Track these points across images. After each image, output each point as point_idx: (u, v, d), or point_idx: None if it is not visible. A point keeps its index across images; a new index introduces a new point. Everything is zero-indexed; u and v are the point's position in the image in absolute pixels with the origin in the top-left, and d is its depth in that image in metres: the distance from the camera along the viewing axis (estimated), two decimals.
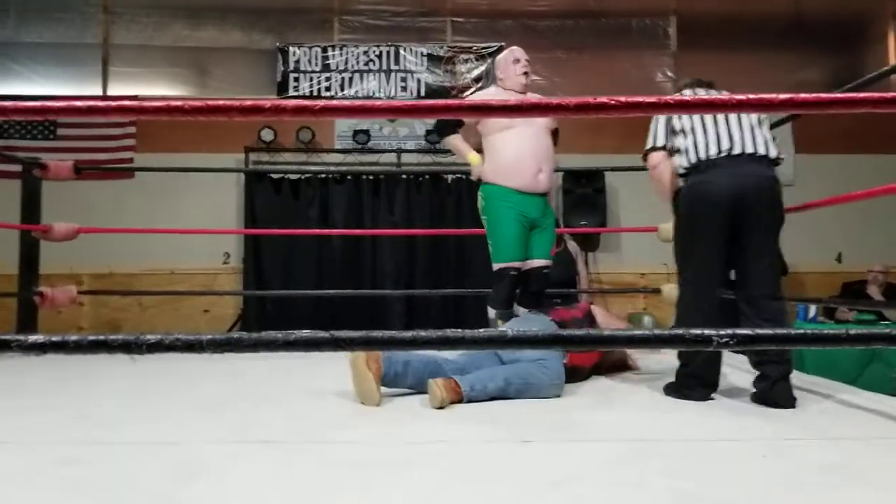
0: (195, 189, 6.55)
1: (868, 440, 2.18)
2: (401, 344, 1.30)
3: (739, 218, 2.69)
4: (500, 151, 3.44)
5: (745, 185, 2.68)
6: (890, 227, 6.82)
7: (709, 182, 2.72)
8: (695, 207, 2.77)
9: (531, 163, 3.41)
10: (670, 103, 1.29)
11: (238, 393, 2.93)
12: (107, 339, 1.28)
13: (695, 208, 2.77)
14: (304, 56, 7.05)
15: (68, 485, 1.68)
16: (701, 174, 2.74)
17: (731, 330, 1.25)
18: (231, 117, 1.31)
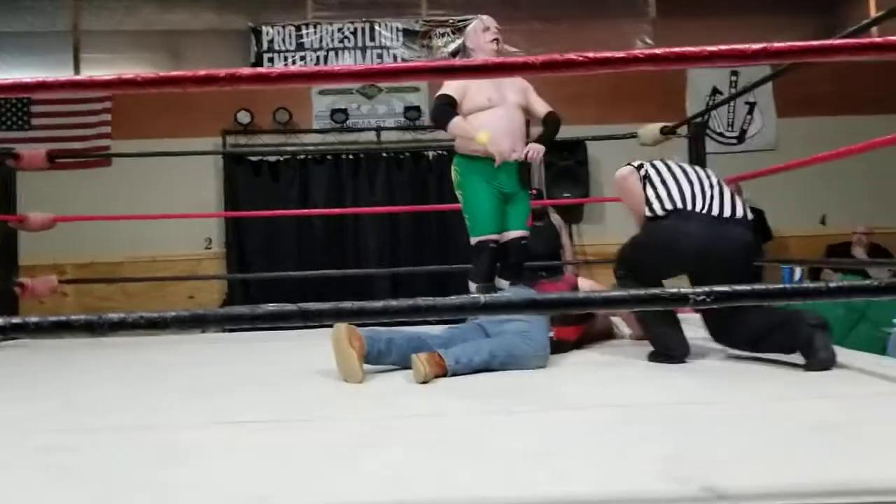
0: (174, 175, 6.47)
1: (856, 397, 2.17)
2: (371, 314, 1.27)
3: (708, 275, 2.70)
4: (478, 127, 3.42)
5: (720, 247, 2.75)
6: (872, 188, 6.83)
7: (687, 231, 2.79)
8: (668, 244, 2.84)
9: (505, 142, 3.41)
10: (640, 57, 1.25)
11: (223, 377, 2.89)
12: (68, 319, 1.24)
13: (668, 245, 2.84)
14: (277, 35, 6.95)
15: (52, 472, 1.65)
16: (681, 220, 2.82)
17: (706, 287, 1.22)
18: (185, 88, 1.26)
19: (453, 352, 2.67)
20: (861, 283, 1.23)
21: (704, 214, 2.80)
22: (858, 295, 1.24)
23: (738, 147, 7.18)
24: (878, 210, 6.71)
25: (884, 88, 6.90)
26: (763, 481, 1.40)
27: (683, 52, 1.24)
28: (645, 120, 5.11)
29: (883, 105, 6.72)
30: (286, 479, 1.55)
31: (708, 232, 2.77)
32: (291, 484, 1.52)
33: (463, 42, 3.73)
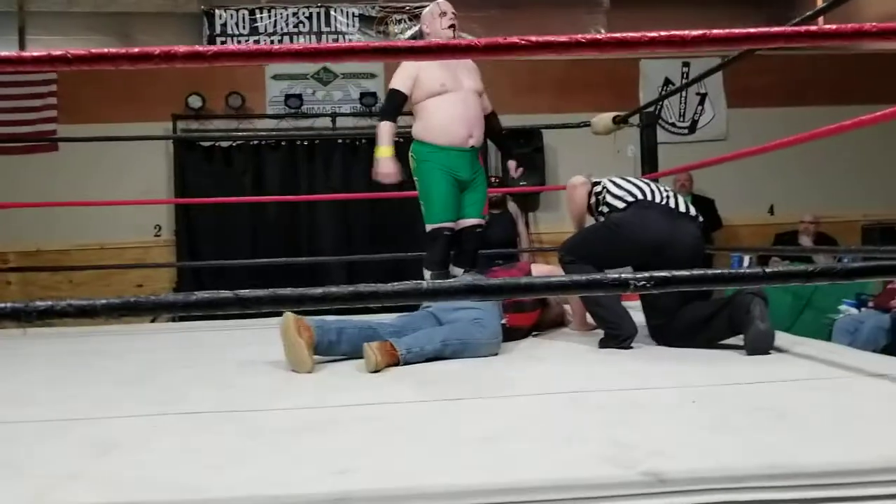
0: (123, 160, 6.34)
1: (797, 381, 2.20)
2: (311, 301, 1.25)
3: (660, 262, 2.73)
4: (432, 115, 3.42)
5: (675, 237, 2.85)
6: (819, 178, 6.98)
7: (647, 219, 2.89)
8: (628, 232, 2.92)
9: (461, 127, 3.41)
10: (581, 42, 1.24)
11: (165, 366, 2.84)
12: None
13: (628, 233, 2.92)
14: (230, 19, 6.83)
15: None
16: (642, 209, 2.94)
17: (647, 273, 1.22)
18: (118, 65, 1.22)
19: (405, 340, 2.65)
20: (796, 268, 1.24)
21: (663, 206, 2.93)
22: (795, 280, 1.26)
23: (690, 137, 7.26)
24: (825, 199, 6.85)
25: (830, 80, 7.05)
26: (705, 465, 1.42)
27: (625, 38, 1.24)
28: (599, 109, 5.13)
29: (830, 96, 6.86)
30: (223, 468, 1.53)
31: (666, 222, 2.88)
32: (228, 473, 1.50)
33: (420, 26, 3.71)
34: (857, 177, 7.03)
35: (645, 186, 3.03)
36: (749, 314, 2.56)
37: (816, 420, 1.76)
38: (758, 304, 2.56)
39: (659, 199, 2.96)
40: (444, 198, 3.40)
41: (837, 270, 1.22)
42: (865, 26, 1.28)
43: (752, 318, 2.55)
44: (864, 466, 1.36)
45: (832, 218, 6.67)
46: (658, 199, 2.96)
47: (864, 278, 2.66)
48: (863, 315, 4.33)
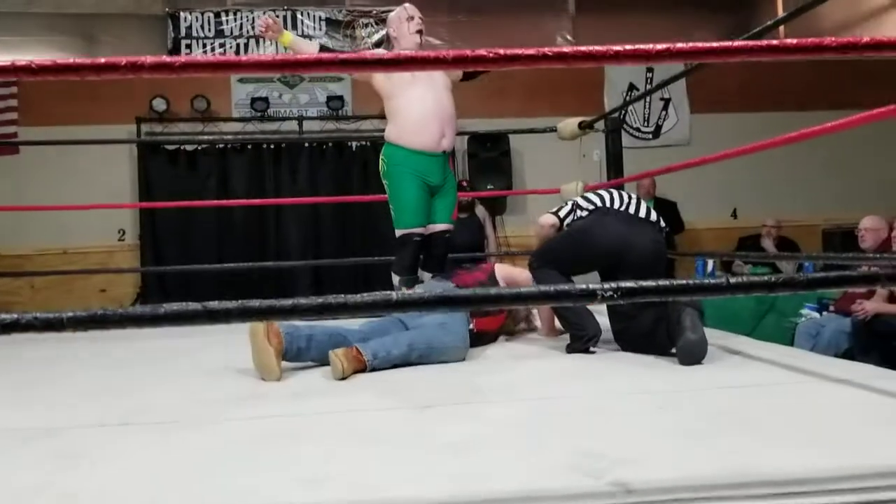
0: (85, 164, 6.24)
1: (760, 387, 2.24)
2: (280, 313, 1.24)
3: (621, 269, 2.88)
4: (404, 112, 3.36)
5: (634, 242, 2.92)
6: (781, 182, 7.11)
7: (605, 225, 2.99)
8: (587, 237, 3.03)
9: (435, 124, 3.36)
10: (548, 55, 1.26)
11: (131, 372, 2.81)
12: None
13: (586, 238, 3.03)
14: (196, 22, 6.76)
15: None
16: (601, 215, 3.05)
17: (613, 284, 1.24)
18: (83, 76, 1.21)
19: (371, 346, 2.65)
20: (760, 279, 1.27)
21: (622, 212, 3.01)
22: (758, 291, 1.28)
23: (654, 142, 7.35)
24: (787, 203, 6.98)
25: (792, 86, 7.18)
26: (671, 474, 1.44)
27: (591, 51, 1.26)
28: (565, 113, 5.17)
29: (792, 101, 6.99)
30: (190, 480, 1.52)
31: (624, 227, 2.95)
32: (195, 485, 1.49)
33: (386, 30, 3.68)
34: (818, 181, 7.17)
35: (607, 195, 3.11)
36: (680, 325, 2.60)
37: (780, 427, 1.79)
38: (689, 314, 2.61)
39: (619, 205, 3.04)
40: (414, 203, 3.37)
41: (799, 281, 1.25)
42: (826, 41, 1.31)
43: (682, 329, 2.58)
44: (829, 474, 1.39)
45: (794, 222, 6.80)
46: (617, 206, 3.04)
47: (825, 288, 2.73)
48: (824, 319, 4.41)
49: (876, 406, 1.97)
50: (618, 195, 3.10)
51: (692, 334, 2.56)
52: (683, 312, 2.60)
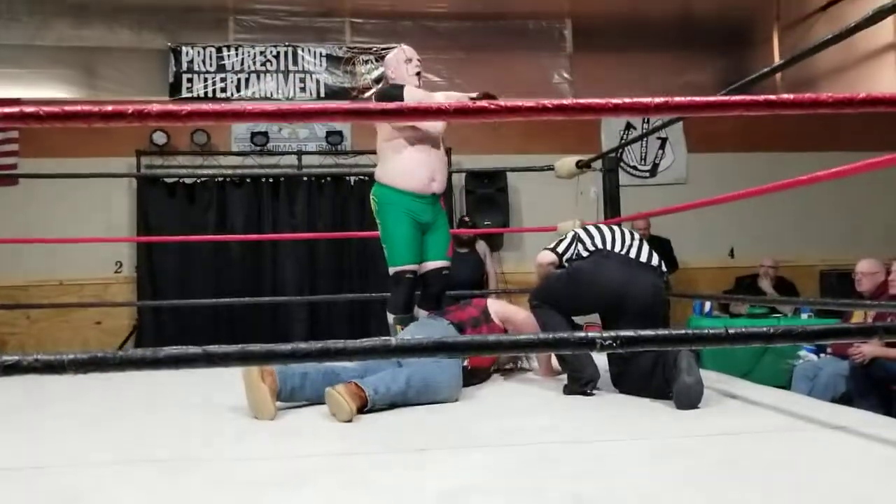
0: (84, 195, 6.25)
1: (758, 433, 2.23)
2: (279, 357, 1.24)
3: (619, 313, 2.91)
4: (398, 158, 3.40)
5: (631, 287, 2.92)
6: (779, 222, 7.13)
7: (605, 268, 2.97)
8: (586, 279, 3.01)
9: (425, 170, 3.41)
10: (548, 107, 1.28)
11: (124, 410, 2.79)
12: None
13: (586, 280, 3.01)
14: (197, 56, 6.83)
15: None
16: (601, 258, 3.01)
17: (612, 332, 1.25)
18: (90, 123, 1.22)
19: (371, 382, 2.62)
20: (758, 330, 1.27)
21: (623, 255, 2.99)
22: (756, 342, 1.29)
23: (651, 180, 7.40)
24: (785, 243, 7.00)
25: (789, 126, 7.23)
26: None
27: (590, 104, 1.28)
28: (563, 151, 5.21)
29: (788, 142, 7.05)
30: None
31: (623, 271, 2.94)
32: None
33: (384, 71, 3.71)
34: (816, 222, 7.20)
35: (608, 234, 3.10)
36: (676, 367, 2.59)
37: (779, 475, 1.78)
38: (685, 356, 2.60)
39: (619, 247, 3.03)
40: (405, 240, 3.39)
41: (797, 333, 1.26)
42: (822, 97, 1.33)
43: (679, 372, 2.58)
44: None
45: (791, 262, 6.82)
46: (618, 248, 3.03)
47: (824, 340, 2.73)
48: (822, 361, 4.40)
49: (874, 456, 1.96)
50: (619, 235, 3.10)
51: (688, 377, 2.55)
52: (679, 355, 2.60)
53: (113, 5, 6.98)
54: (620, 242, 3.06)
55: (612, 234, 3.11)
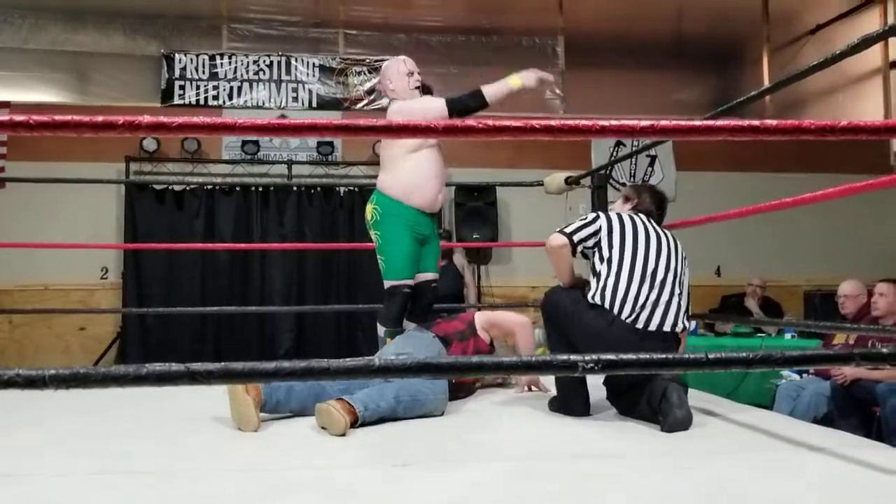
0: (72, 200, 6.23)
1: (741, 454, 2.24)
2: (263, 376, 1.25)
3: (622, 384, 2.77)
4: (410, 169, 3.34)
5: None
6: (765, 242, 7.18)
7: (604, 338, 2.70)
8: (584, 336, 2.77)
9: (435, 183, 3.38)
10: (536, 128, 1.29)
11: (108, 417, 2.77)
12: None
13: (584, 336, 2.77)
14: (190, 63, 6.84)
15: None
16: (602, 320, 2.74)
17: (595, 356, 1.26)
18: (80, 133, 1.23)
19: (360, 399, 2.60)
20: (738, 355, 1.29)
21: (627, 324, 2.74)
22: (736, 367, 1.30)
23: None
24: (771, 263, 7.05)
25: (774, 148, 7.30)
26: None
27: (577, 125, 1.29)
28: (553, 166, 5.25)
29: (776, 163, 7.11)
30: None
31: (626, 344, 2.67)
32: None
33: (381, 81, 3.65)
34: (801, 242, 7.25)
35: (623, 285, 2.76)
36: (667, 401, 2.53)
37: (762, 498, 1.79)
38: (675, 389, 2.54)
39: (627, 313, 2.73)
40: (406, 255, 3.34)
41: (776, 359, 1.27)
42: (804, 123, 1.35)
43: (670, 406, 2.52)
44: None
45: (777, 282, 6.86)
46: (626, 314, 2.73)
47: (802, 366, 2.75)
48: (804, 381, 4.43)
49: (853, 479, 1.97)
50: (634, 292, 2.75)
51: (679, 411, 2.52)
52: (669, 387, 2.54)
53: (107, 10, 6.99)
54: (631, 303, 2.74)
55: (630, 277, 2.77)
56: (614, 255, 2.83)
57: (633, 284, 2.77)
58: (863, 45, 2.01)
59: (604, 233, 2.87)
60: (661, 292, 2.79)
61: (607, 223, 2.88)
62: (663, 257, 2.86)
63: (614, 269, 2.80)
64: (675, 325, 2.81)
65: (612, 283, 2.78)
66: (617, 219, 2.91)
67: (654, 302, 2.77)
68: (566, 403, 2.88)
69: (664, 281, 2.81)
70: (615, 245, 2.84)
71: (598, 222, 2.89)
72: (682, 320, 2.85)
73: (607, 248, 2.85)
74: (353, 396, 2.60)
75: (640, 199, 3.09)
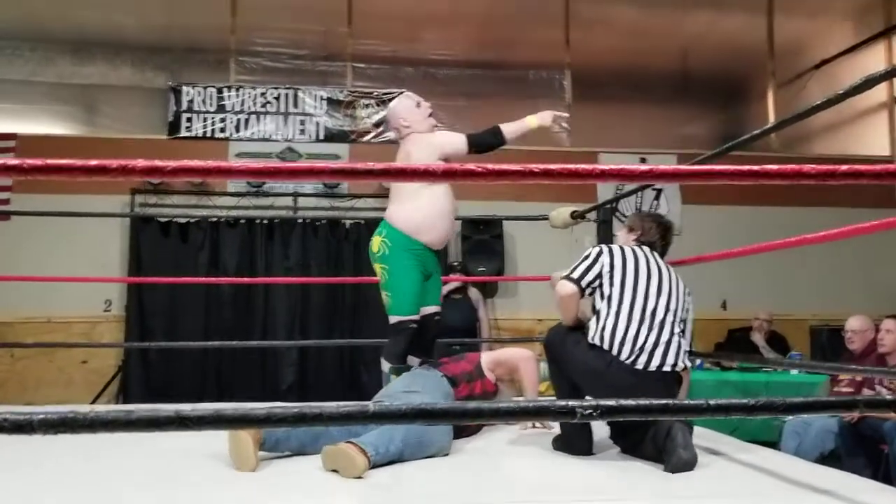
0: (77, 232, 6.22)
1: (747, 498, 2.21)
2: (254, 422, 1.23)
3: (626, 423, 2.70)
4: (423, 205, 3.31)
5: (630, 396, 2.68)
6: (771, 275, 7.13)
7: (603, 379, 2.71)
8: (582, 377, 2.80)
9: (448, 222, 3.37)
10: (535, 172, 1.28)
11: (99, 456, 2.69)
12: None
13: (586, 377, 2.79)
14: (198, 96, 6.88)
15: None
16: (601, 361, 2.74)
17: (594, 401, 1.23)
18: (74, 177, 1.23)
19: (371, 442, 2.50)
20: (739, 402, 1.27)
21: (627, 365, 2.72)
22: (737, 413, 1.28)
23: None
24: (777, 297, 7.00)
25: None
26: None
27: (576, 170, 1.28)
28: (559, 199, 5.24)
29: (781, 196, 7.08)
30: None
31: (623, 387, 2.64)
32: None
33: (391, 124, 3.61)
34: (807, 276, 7.20)
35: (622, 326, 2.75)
36: (672, 441, 2.48)
37: None
38: (679, 429, 2.50)
39: (626, 354, 2.71)
40: (414, 291, 3.30)
41: (778, 406, 1.25)
42: (805, 168, 1.34)
43: (675, 447, 2.48)
44: None
45: (783, 316, 6.80)
46: (625, 356, 2.71)
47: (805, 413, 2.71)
48: (811, 418, 4.37)
49: None
50: (633, 332, 2.74)
51: (684, 452, 2.47)
52: (674, 427, 2.50)
53: (115, 43, 7.07)
54: (630, 344, 2.72)
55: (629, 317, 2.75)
56: (614, 294, 2.81)
57: (632, 325, 2.76)
58: (866, 85, 2.01)
59: (605, 269, 2.85)
60: (660, 332, 2.77)
61: (609, 259, 2.87)
62: (664, 296, 2.84)
63: (614, 309, 2.79)
64: (676, 365, 2.79)
65: (612, 324, 2.77)
66: (620, 254, 2.90)
67: (654, 342, 2.75)
68: (569, 443, 2.85)
69: (664, 321, 2.79)
70: (616, 283, 2.83)
71: (601, 259, 2.88)
72: (682, 359, 2.82)
73: (608, 286, 2.83)
74: (361, 440, 2.51)
75: (644, 230, 3.06)
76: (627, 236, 3.10)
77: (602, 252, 2.90)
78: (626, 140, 7.43)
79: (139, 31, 7.15)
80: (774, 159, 7.16)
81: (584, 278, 2.85)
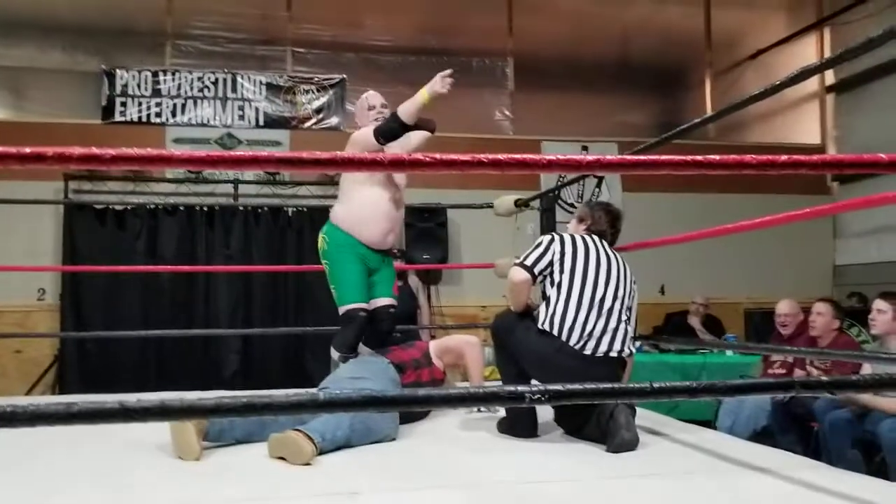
0: (7, 219, 6.00)
1: (684, 474, 2.27)
2: (201, 412, 1.21)
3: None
4: (361, 204, 3.39)
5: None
6: (707, 261, 7.31)
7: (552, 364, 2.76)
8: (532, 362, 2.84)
9: (384, 223, 3.41)
10: (484, 161, 1.28)
11: (41, 448, 2.64)
12: None
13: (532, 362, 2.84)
14: (132, 80, 6.69)
15: None
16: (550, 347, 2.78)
17: (542, 386, 1.25)
18: (7, 165, 1.18)
19: (315, 428, 2.51)
20: (683, 384, 1.30)
21: (575, 351, 2.77)
22: (680, 395, 1.31)
23: None
24: (713, 281, 7.18)
25: None
26: None
27: (524, 160, 1.29)
28: (504, 186, 5.27)
29: (718, 183, 7.26)
30: None
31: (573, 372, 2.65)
32: None
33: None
34: (741, 261, 7.41)
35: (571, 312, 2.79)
36: (615, 422, 2.56)
37: None
38: (622, 411, 2.57)
39: (575, 339, 2.76)
40: (356, 281, 3.37)
41: (719, 388, 1.29)
42: (746, 158, 1.39)
43: (617, 428, 2.55)
44: None
45: (719, 300, 6.99)
46: (574, 341, 2.76)
47: (744, 395, 2.80)
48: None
49: (797, 499, 2.01)
50: (583, 318, 2.78)
51: (626, 433, 2.56)
52: (617, 409, 2.57)
53: (44, 25, 6.82)
54: (579, 330, 2.77)
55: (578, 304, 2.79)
56: (564, 281, 2.86)
57: (581, 311, 2.81)
58: (801, 77, 2.07)
59: (556, 257, 2.89)
60: (608, 319, 2.83)
61: (560, 248, 2.91)
62: (612, 284, 2.90)
63: (563, 296, 2.84)
64: (622, 351, 2.86)
65: (562, 311, 2.82)
66: (570, 242, 2.94)
67: (602, 329, 2.81)
68: (515, 426, 2.90)
69: (612, 308, 2.85)
70: (566, 270, 2.87)
71: (552, 247, 2.92)
72: (628, 346, 2.88)
73: (558, 273, 2.88)
74: (308, 426, 2.52)
75: (594, 219, 3.11)
76: (578, 226, 3.15)
77: (553, 240, 2.94)
78: (568, 128, 7.50)
79: (70, 11, 6.92)
80: (711, 147, 7.34)
81: (537, 266, 2.89)
